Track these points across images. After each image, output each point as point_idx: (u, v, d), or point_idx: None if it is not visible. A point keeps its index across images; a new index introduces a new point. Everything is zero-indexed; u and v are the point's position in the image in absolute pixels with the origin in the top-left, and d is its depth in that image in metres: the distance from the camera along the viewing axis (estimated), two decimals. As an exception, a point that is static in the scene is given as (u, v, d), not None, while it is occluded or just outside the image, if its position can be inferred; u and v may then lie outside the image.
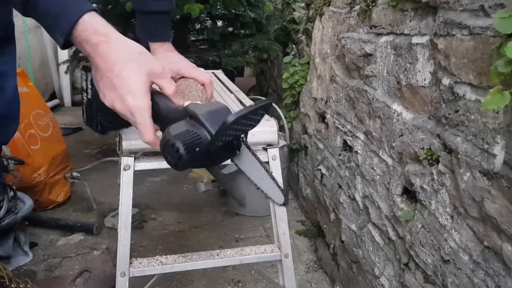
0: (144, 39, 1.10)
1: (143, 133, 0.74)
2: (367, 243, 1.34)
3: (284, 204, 0.80)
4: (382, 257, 1.24)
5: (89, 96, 0.89)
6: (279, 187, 0.80)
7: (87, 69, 0.86)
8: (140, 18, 1.10)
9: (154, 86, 0.78)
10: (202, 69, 1.08)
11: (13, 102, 1.03)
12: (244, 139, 0.78)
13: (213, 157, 0.76)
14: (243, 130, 0.75)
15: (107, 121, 0.92)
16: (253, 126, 0.75)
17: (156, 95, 0.77)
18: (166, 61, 1.04)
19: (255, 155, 0.80)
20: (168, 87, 0.77)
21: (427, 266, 1.00)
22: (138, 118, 0.73)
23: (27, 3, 0.70)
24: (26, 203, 1.76)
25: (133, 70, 0.72)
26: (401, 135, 1.10)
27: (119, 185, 0.95)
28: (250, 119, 0.72)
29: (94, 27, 0.71)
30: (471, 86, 0.81)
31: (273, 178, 0.80)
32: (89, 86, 0.88)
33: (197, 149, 0.70)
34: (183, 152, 0.69)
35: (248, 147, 0.80)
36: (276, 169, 1.03)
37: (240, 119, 0.68)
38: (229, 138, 0.73)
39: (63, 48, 0.74)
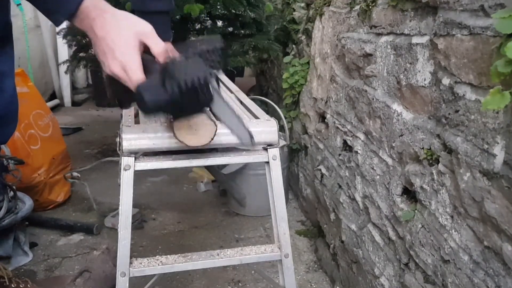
0: None
1: (134, 83, 0.81)
2: (367, 243, 1.34)
3: (251, 141, 0.90)
4: (382, 257, 1.24)
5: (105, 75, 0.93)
6: (247, 129, 0.90)
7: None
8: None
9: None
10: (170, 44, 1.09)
11: (12, 102, 1.03)
12: (215, 87, 0.83)
13: (185, 105, 0.82)
14: (202, 72, 0.79)
15: (118, 96, 0.96)
16: (214, 67, 0.82)
17: (146, 61, 0.84)
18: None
19: (226, 102, 0.89)
20: (155, 46, 0.83)
21: (427, 266, 1.00)
22: (130, 74, 0.81)
23: None
24: (26, 203, 1.76)
25: (122, 33, 0.81)
26: (401, 135, 1.10)
27: (119, 185, 0.95)
28: (207, 62, 0.80)
29: (94, 4, 0.81)
30: (471, 86, 0.81)
31: (241, 120, 0.89)
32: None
33: (161, 96, 0.78)
34: (147, 98, 0.78)
35: (219, 94, 0.86)
36: (277, 169, 1.03)
37: (181, 59, 0.76)
38: (187, 82, 0.77)
39: (58, 25, 0.84)
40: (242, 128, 0.90)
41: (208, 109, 0.89)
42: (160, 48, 0.83)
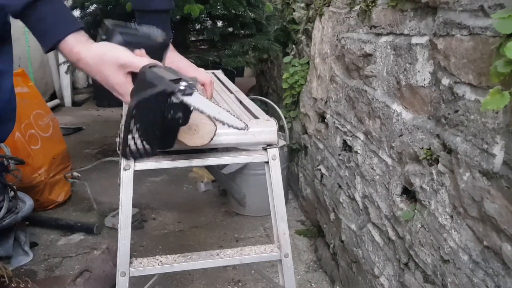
0: None
1: None
2: (366, 243, 1.34)
3: (244, 128, 0.88)
4: (382, 257, 1.24)
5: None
6: (236, 116, 0.89)
7: None
8: (139, 18, 1.10)
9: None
10: (202, 69, 1.09)
11: (10, 101, 1.03)
12: (185, 90, 0.80)
13: (167, 121, 0.82)
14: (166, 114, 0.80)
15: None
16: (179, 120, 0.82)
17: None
18: (167, 61, 1.04)
19: (206, 98, 0.88)
20: (137, 69, 0.85)
21: (426, 266, 1.00)
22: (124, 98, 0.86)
23: (20, 14, 0.81)
24: (27, 203, 1.76)
25: (105, 76, 0.85)
26: (401, 135, 1.10)
27: (119, 185, 0.95)
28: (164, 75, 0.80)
29: (70, 48, 0.84)
30: (470, 86, 0.81)
31: (228, 111, 0.88)
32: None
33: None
34: (137, 141, 0.84)
35: (197, 94, 0.83)
36: (276, 169, 1.03)
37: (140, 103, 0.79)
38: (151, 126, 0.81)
39: (45, 52, 0.88)
40: (231, 116, 0.89)
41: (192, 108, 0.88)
42: (140, 65, 0.85)
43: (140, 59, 0.85)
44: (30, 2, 0.79)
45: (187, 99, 0.78)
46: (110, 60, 0.84)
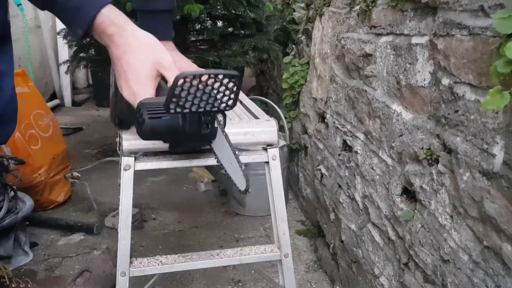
0: None
1: None
2: (366, 243, 1.34)
3: (245, 191, 0.84)
4: (382, 257, 1.24)
5: (113, 89, 0.90)
6: (245, 175, 0.84)
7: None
8: (141, 18, 1.10)
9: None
10: (194, 65, 1.08)
11: (11, 102, 1.02)
12: (221, 124, 0.79)
13: (180, 134, 0.77)
14: (209, 102, 0.72)
15: (123, 115, 0.93)
16: (223, 105, 0.74)
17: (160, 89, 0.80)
18: None
19: (229, 142, 0.83)
20: (172, 79, 0.78)
21: (426, 266, 1.00)
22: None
23: None
24: (27, 203, 1.76)
25: (139, 58, 0.77)
26: (401, 135, 1.10)
27: (119, 185, 0.95)
28: (217, 92, 0.72)
29: (110, 19, 0.76)
30: (470, 86, 0.81)
31: (241, 166, 0.84)
32: (113, 80, 0.90)
33: (161, 116, 0.73)
34: (145, 119, 0.73)
35: (223, 132, 0.81)
36: (276, 169, 1.03)
37: (188, 76, 0.68)
38: (190, 107, 0.71)
39: (81, 39, 0.81)
40: (241, 175, 0.85)
41: (208, 146, 0.85)
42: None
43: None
44: None
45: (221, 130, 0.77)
46: (157, 52, 0.78)
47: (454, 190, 0.88)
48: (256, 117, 1.11)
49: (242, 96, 1.32)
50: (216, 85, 0.70)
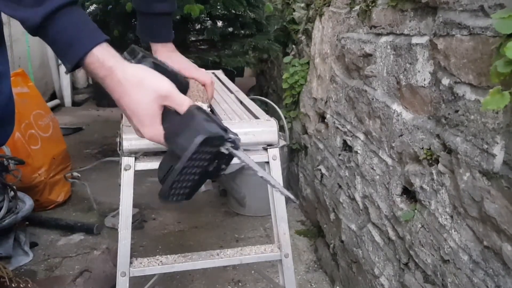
0: (146, 40, 1.10)
1: None
2: (367, 243, 1.34)
3: (295, 201, 0.87)
4: (382, 257, 1.24)
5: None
6: (282, 188, 0.86)
7: None
8: (141, 19, 1.10)
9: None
10: (203, 70, 1.09)
11: (9, 103, 1.02)
12: (232, 152, 0.78)
13: (207, 174, 0.79)
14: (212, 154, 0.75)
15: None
16: (222, 167, 0.79)
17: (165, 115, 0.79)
18: (168, 61, 1.04)
19: (249, 162, 0.81)
20: (179, 107, 0.76)
21: (426, 266, 1.00)
22: (157, 142, 0.79)
23: (39, 27, 0.71)
24: (27, 203, 1.76)
25: (137, 101, 0.74)
26: (401, 135, 1.10)
27: (120, 185, 0.95)
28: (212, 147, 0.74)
29: (100, 62, 0.72)
30: (470, 86, 0.81)
31: (276, 183, 0.85)
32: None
33: (185, 182, 0.77)
34: (169, 196, 0.79)
35: (241, 149, 0.80)
36: (276, 169, 1.03)
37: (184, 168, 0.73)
38: (203, 163, 0.75)
39: (68, 72, 0.77)
40: (283, 189, 0.87)
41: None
42: (185, 107, 0.76)
43: (184, 97, 0.77)
44: (50, 13, 0.70)
45: (236, 152, 0.76)
46: (151, 86, 0.74)
47: (454, 190, 0.88)
48: (256, 117, 1.11)
49: (242, 96, 1.32)
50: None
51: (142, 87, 0.74)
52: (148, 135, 0.77)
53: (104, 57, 0.72)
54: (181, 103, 0.76)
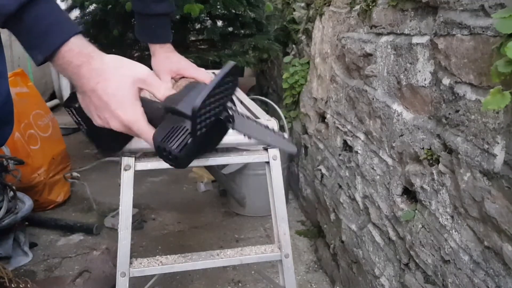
0: (144, 41, 1.10)
1: (146, 140, 0.74)
2: (367, 243, 1.34)
3: (298, 154, 0.83)
4: (382, 257, 1.24)
5: (85, 127, 0.84)
6: (288, 138, 0.82)
7: (69, 105, 0.82)
8: (140, 20, 1.10)
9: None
10: (203, 69, 1.08)
11: (7, 103, 1.01)
12: (232, 111, 0.76)
13: (210, 140, 0.76)
14: (221, 103, 0.71)
15: (111, 143, 0.88)
16: (230, 95, 0.73)
17: (144, 100, 0.76)
18: (167, 61, 1.04)
19: (250, 118, 0.81)
20: (157, 91, 0.74)
21: (427, 266, 1.00)
22: (135, 130, 0.73)
23: (12, 16, 0.69)
24: (26, 203, 1.76)
25: (117, 85, 0.72)
26: (401, 135, 1.10)
27: (119, 185, 0.95)
28: (222, 91, 0.70)
29: (79, 48, 0.70)
30: (471, 86, 0.81)
31: (277, 132, 0.82)
32: (79, 119, 0.84)
33: (188, 141, 0.70)
34: (176, 153, 0.69)
35: (239, 114, 0.79)
36: (277, 169, 1.03)
37: (208, 98, 0.66)
38: (211, 118, 0.70)
39: (38, 65, 0.73)
40: (285, 141, 0.84)
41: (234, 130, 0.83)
42: (164, 92, 0.74)
43: (161, 82, 0.75)
44: (27, 1, 0.68)
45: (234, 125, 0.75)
46: (130, 69, 0.73)
47: (455, 190, 0.88)
48: (256, 117, 1.10)
49: (242, 96, 1.32)
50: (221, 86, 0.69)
51: (121, 71, 0.73)
52: (128, 118, 0.72)
53: (82, 45, 0.71)
54: (159, 87, 0.74)
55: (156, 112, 0.75)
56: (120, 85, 0.72)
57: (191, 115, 0.66)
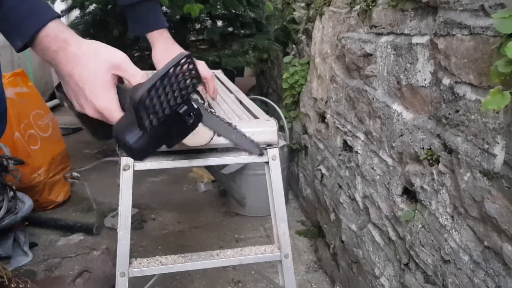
0: (139, 34, 1.09)
1: None
2: (367, 243, 1.34)
3: (262, 154, 0.84)
4: (382, 257, 1.24)
5: (77, 112, 0.85)
6: (251, 140, 0.83)
7: (59, 89, 0.81)
8: (130, 14, 1.08)
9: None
10: (203, 62, 1.07)
11: (0, 101, 1.01)
12: (198, 105, 0.74)
13: (171, 133, 0.73)
14: (180, 95, 0.69)
15: (104, 130, 0.88)
16: (192, 88, 0.70)
17: (120, 88, 0.74)
18: (166, 54, 1.03)
19: (218, 116, 0.81)
20: (132, 78, 0.73)
21: (427, 266, 0.99)
22: (108, 117, 0.72)
23: None
24: (26, 203, 1.76)
25: (91, 69, 0.71)
26: (401, 135, 1.10)
27: (119, 185, 0.95)
28: (179, 82, 0.67)
29: (55, 33, 0.70)
30: (471, 86, 0.81)
31: (243, 134, 0.82)
32: (71, 102, 0.83)
33: (142, 133, 0.68)
34: (131, 144, 0.68)
35: (207, 109, 0.77)
36: (276, 169, 1.03)
37: (154, 88, 0.64)
38: (165, 110, 0.68)
39: (18, 51, 0.73)
40: (248, 141, 0.83)
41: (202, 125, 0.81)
42: (139, 80, 0.73)
43: (137, 69, 0.74)
44: None
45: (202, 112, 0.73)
46: (105, 55, 0.72)
47: (455, 190, 0.88)
48: (256, 117, 1.10)
49: (242, 96, 1.32)
50: (174, 77, 0.67)
51: (97, 56, 0.71)
52: (101, 105, 0.71)
53: (59, 30, 0.71)
54: (135, 74, 0.73)
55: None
56: (94, 71, 0.71)
57: (133, 106, 0.64)
